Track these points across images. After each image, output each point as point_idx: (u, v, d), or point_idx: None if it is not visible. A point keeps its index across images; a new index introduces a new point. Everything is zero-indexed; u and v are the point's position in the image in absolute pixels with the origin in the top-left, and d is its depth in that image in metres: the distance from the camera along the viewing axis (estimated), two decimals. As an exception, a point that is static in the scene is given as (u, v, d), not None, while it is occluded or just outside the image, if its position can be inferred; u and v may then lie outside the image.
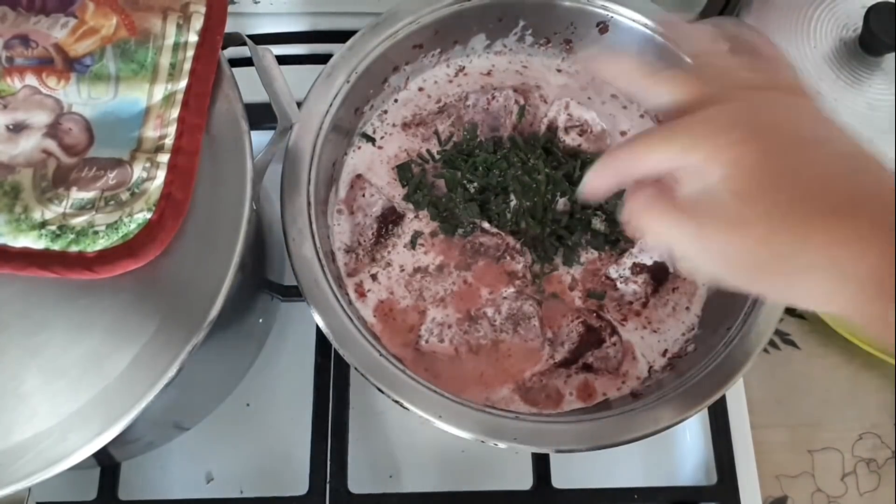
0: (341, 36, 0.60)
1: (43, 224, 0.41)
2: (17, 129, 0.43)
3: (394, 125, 0.63)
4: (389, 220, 0.59)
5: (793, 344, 0.72)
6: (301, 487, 0.59)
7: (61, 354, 0.40)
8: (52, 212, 0.41)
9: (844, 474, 0.67)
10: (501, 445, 0.46)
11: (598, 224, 0.60)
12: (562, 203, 0.61)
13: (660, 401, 0.48)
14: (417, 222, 0.59)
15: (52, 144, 0.43)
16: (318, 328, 0.49)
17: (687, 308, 0.58)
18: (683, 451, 0.64)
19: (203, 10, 0.47)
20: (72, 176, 0.42)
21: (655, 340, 0.57)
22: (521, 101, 0.64)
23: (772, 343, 0.72)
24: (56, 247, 0.41)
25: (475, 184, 0.60)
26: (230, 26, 0.48)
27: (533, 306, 0.57)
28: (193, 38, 0.46)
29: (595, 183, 0.38)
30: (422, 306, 0.56)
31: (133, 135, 0.44)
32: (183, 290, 0.42)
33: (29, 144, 0.43)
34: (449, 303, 0.57)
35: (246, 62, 0.49)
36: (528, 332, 0.56)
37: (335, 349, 0.48)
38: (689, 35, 0.41)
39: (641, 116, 0.66)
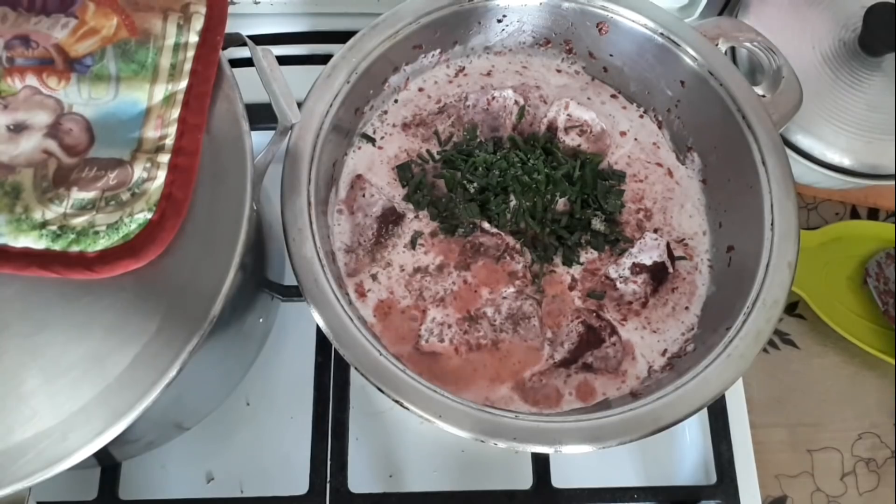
0: (341, 36, 0.60)
1: (44, 224, 0.41)
2: (18, 129, 0.43)
3: (394, 125, 0.63)
4: (389, 220, 0.59)
5: (792, 344, 0.72)
6: (301, 487, 0.59)
7: (62, 354, 0.40)
8: (52, 212, 0.41)
9: (844, 474, 0.68)
10: (501, 445, 0.46)
11: (597, 224, 0.60)
12: (561, 203, 0.61)
13: (659, 401, 0.48)
14: (417, 222, 0.59)
15: (52, 145, 0.43)
16: (318, 328, 0.49)
17: (686, 308, 0.59)
18: (683, 451, 0.64)
19: (203, 10, 0.47)
20: (72, 176, 0.42)
21: (655, 340, 0.57)
22: (521, 102, 0.64)
23: (771, 343, 0.72)
24: (57, 247, 0.41)
25: (475, 184, 0.60)
26: (230, 26, 0.48)
27: (533, 306, 0.57)
28: (194, 38, 0.46)
29: None
30: (422, 306, 0.56)
31: (133, 135, 0.44)
32: (183, 289, 0.42)
33: (30, 145, 0.43)
34: (449, 303, 0.57)
35: (246, 62, 0.49)
36: (528, 331, 0.56)
37: (335, 349, 0.48)
38: None
39: (641, 117, 0.66)
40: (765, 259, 0.53)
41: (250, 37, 0.49)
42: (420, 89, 0.65)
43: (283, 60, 0.50)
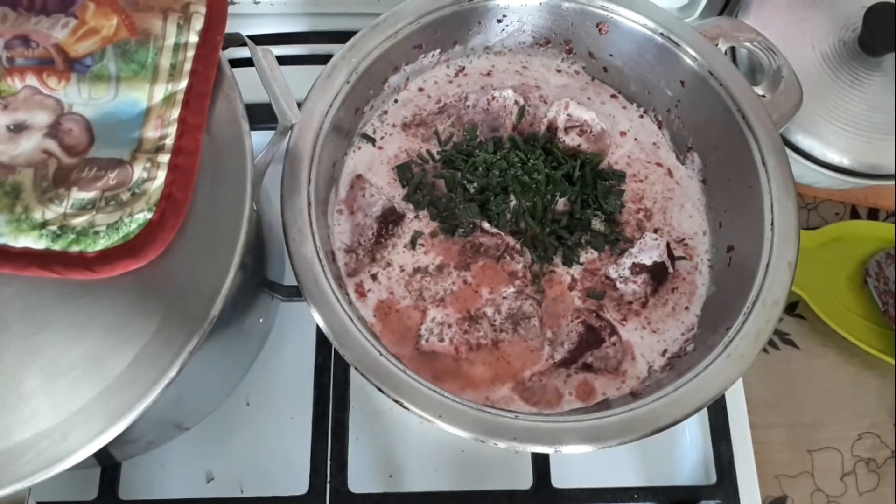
0: (341, 36, 0.60)
1: (44, 224, 0.41)
2: (18, 129, 0.43)
3: (394, 125, 0.63)
4: (389, 220, 0.59)
5: (792, 344, 0.72)
6: (301, 487, 0.59)
7: (62, 354, 0.40)
8: (52, 212, 0.41)
9: (844, 474, 0.68)
10: (501, 445, 0.46)
11: (597, 224, 0.60)
12: (561, 203, 0.61)
13: (659, 400, 0.48)
14: (417, 222, 0.59)
15: (52, 145, 0.43)
16: (318, 328, 0.49)
17: (686, 308, 0.59)
18: (683, 451, 0.64)
19: (203, 10, 0.47)
20: (72, 176, 0.42)
21: (655, 340, 0.57)
22: (521, 102, 0.64)
23: (771, 343, 0.72)
24: (57, 247, 0.41)
25: (475, 184, 0.60)
26: (230, 26, 0.48)
27: (533, 306, 0.57)
28: (194, 38, 0.46)
29: None
30: (422, 306, 0.56)
31: (133, 135, 0.44)
32: (183, 289, 0.42)
33: (30, 145, 0.43)
34: (449, 303, 0.57)
35: (246, 62, 0.49)
36: (528, 331, 0.56)
37: (335, 349, 0.48)
38: None
39: (641, 117, 0.66)
40: (765, 259, 0.53)
41: (250, 37, 0.49)
42: (420, 89, 0.65)
43: (283, 60, 0.50)
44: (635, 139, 0.65)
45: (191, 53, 0.46)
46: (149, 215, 0.42)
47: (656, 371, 0.56)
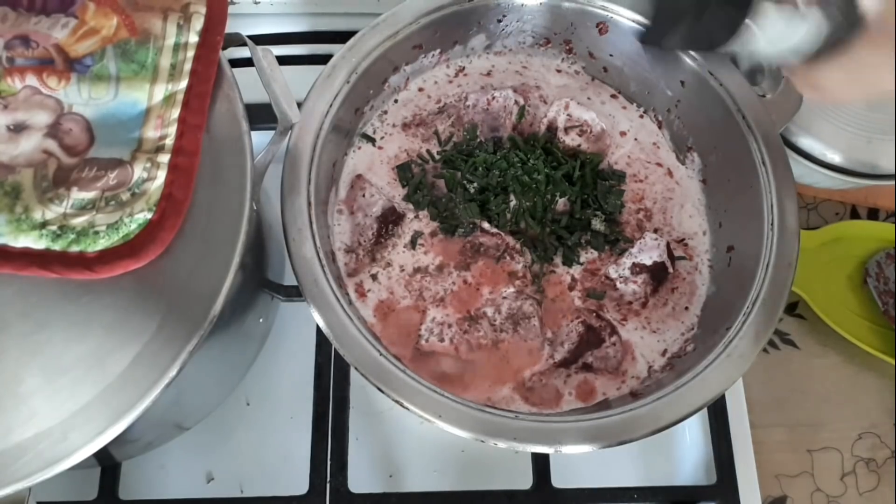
0: (341, 36, 0.60)
1: (44, 224, 0.41)
2: (18, 129, 0.43)
3: (394, 125, 0.63)
4: (389, 220, 0.59)
5: (792, 344, 0.72)
6: (301, 487, 0.59)
7: (62, 354, 0.40)
8: (52, 212, 0.41)
9: (844, 474, 0.68)
10: (501, 445, 0.46)
11: (597, 224, 0.60)
12: (561, 203, 0.61)
13: (659, 400, 0.48)
14: (417, 222, 0.59)
15: (52, 145, 0.43)
16: (318, 328, 0.49)
17: (686, 308, 0.58)
18: (683, 451, 0.64)
19: (203, 10, 0.47)
20: (72, 176, 0.42)
21: (655, 340, 0.57)
22: (521, 102, 0.64)
23: (771, 343, 0.72)
24: (57, 247, 0.41)
25: (475, 184, 0.60)
26: (230, 26, 0.48)
27: (533, 306, 0.57)
28: (194, 38, 0.46)
29: None
30: (422, 306, 0.56)
31: (133, 135, 0.44)
32: (183, 289, 0.42)
33: (30, 145, 0.43)
34: (449, 303, 0.57)
35: (246, 62, 0.49)
36: (528, 331, 0.56)
37: (335, 349, 0.48)
38: None
39: (641, 117, 0.66)
40: (765, 259, 0.53)
41: (250, 37, 0.49)
42: (420, 89, 0.65)
43: (283, 60, 0.50)
44: (635, 139, 0.65)
45: (191, 53, 0.46)
46: (149, 215, 0.42)
47: (656, 371, 0.56)
